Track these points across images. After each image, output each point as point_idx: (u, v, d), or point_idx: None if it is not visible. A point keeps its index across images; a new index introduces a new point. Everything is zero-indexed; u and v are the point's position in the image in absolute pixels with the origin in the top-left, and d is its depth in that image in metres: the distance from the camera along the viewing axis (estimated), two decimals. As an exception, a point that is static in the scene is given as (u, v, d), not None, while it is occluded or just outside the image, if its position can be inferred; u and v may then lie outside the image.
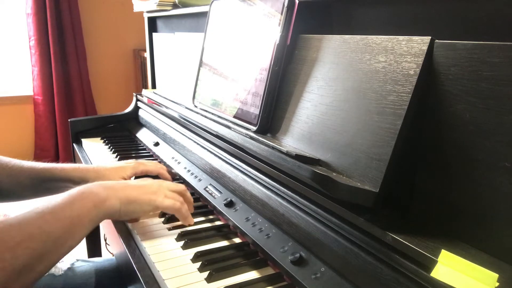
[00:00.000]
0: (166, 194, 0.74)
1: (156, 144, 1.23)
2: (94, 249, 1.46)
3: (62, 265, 0.90)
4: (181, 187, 0.80)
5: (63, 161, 3.16)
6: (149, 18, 1.63)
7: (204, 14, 1.09)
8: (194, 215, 0.80)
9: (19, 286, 0.52)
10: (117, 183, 0.72)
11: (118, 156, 1.20)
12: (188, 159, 1.04)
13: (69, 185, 0.90)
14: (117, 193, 0.68)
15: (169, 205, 0.73)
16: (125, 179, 0.92)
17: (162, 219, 0.80)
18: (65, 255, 0.59)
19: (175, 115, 1.15)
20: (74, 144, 1.39)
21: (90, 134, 1.43)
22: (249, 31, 0.87)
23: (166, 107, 1.21)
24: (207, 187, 0.88)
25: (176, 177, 1.02)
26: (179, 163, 1.05)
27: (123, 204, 0.68)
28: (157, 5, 1.44)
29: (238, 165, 0.83)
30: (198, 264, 0.65)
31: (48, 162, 0.92)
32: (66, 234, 0.58)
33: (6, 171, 0.86)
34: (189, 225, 0.77)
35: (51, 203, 0.59)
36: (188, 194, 0.81)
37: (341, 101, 0.64)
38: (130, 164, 0.95)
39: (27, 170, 0.88)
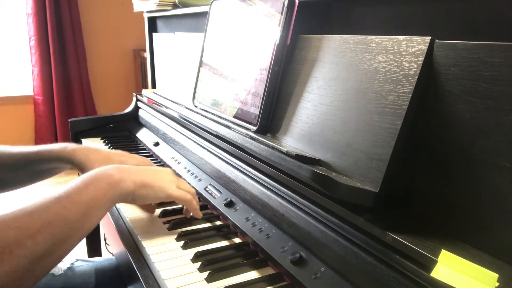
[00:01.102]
0: (179, 185, 0.75)
1: (156, 144, 1.23)
2: (94, 249, 1.46)
3: (62, 265, 0.90)
4: (193, 189, 0.80)
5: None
6: (149, 18, 1.63)
7: (204, 14, 1.09)
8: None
9: (40, 271, 0.53)
10: (133, 167, 0.72)
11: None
12: (188, 159, 1.04)
13: (58, 165, 0.90)
14: (132, 176, 0.68)
15: (181, 195, 0.73)
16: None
17: (163, 219, 0.80)
18: (84, 236, 0.60)
19: (175, 115, 1.15)
20: (72, 142, 1.39)
21: (90, 134, 1.43)
22: (249, 31, 0.87)
23: (166, 107, 1.21)
24: (207, 187, 0.88)
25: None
26: (179, 163, 1.05)
27: (137, 187, 0.68)
28: (157, 5, 1.44)
29: (238, 165, 0.83)
30: (198, 264, 0.65)
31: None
32: (84, 218, 0.59)
33: None
34: (198, 217, 0.77)
35: (67, 188, 0.60)
36: (197, 199, 0.80)
37: (341, 101, 0.64)
38: (123, 157, 0.91)
39: (15, 155, 0.88)
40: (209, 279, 0.61)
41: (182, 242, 0.71)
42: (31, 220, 0.53)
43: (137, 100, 1.50)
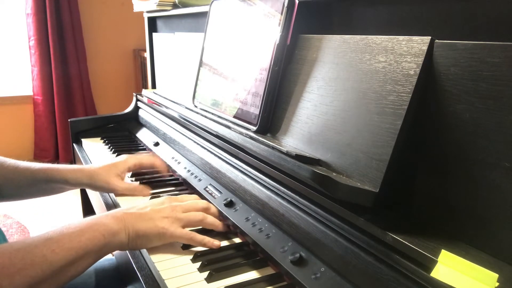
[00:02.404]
0: (180, 218, 0.70)
1: (156, 144, 1.23)
2: (94, 249, 1.46)
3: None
4: (200, 205, 0.76)
5: (63, 161, 3.17)
6: (149, 18, 1.63)
7: (204, 14, 1.09)
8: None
9: None
10: (130, 213, 0.68)
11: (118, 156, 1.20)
12: (188, 159, 1.04)
13: (64, 186, 0.91)
14: (127, 226, 0.65)
15: (181, 235, 0.69)
16: (119, 175, 0.92)
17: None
18: (65, 284, 0.59)
19: (175, 115, 1.15)
20: (74, 144, 1.39)
21: (90, 134, 1.43)
22: (249, 31, 0.87)
23: (166, 107, 1.21)
24: (207, 187, 0.88)
25: (174, 176, 1.02)
26: (179, 163, 1.05)
27: (131, 239, 0.66)
28: (157, 5, 1.44)
29: (238, 165, 0.83)
30: (198, 264, 0.65)
31: (47, 162, 0.92)
32: (70, 265, 0.58)
33: (1, 171, 0.86)
34: (221, 230, 0.74)
35: (61, 230, 0.59)
36: (212, 210, 0.77)
37: (341, 101, 0.64)
38: (122, 159, 0.95)
39: (22, 170, 0.88)
40: (209, 279, 0.61)
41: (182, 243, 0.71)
42: (15, 259, 0.52)
43: (137, 100, 1.50)
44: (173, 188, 0.97)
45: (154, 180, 1.01)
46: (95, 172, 0.90)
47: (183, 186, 0.98)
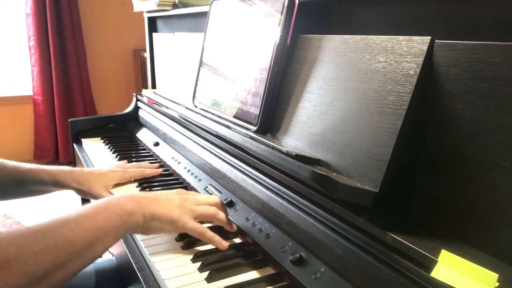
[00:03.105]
0: (192, 210, 0.70)
1: (156, 144, 1.23)
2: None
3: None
4: (213, 200, 0.75)
5: (63, 161, 3.16)
6: (149, 18, 1.63)
7: (204, 14, 1.09)
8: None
9: None
10: (146, 196, 0.69)
11: (118, 156, 1.20)
12: (188, 159, 1.04)
13: (53, 188, 0.91)
14: (143, 208, 0.65)
15: (193, 228, 0.68)
16: (107, 186, 0.93)
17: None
18: (87, 265, 0.58)
19: (175, 115, 1.15)
20: (74, 144, 1.39)
21: (90, 134, 1.43)
22: (249, 31, 0.87)
23: (166, 107, 1.21)
24: (207, 187, 0.88)
25: (175, 177, 1.02)
26: (179, 163, 1.05)
27: (146, 220, 0.65)
28: (157, 5, 1.44)
29: (238, 165, 0.83)
30: (198, 264, 0.65)
31: (47, 162, 0.92)
32: (89, 246, 0.57)
33: None
34: (231, 231, 0.73)
35: (77, 212, 0.59)
36: (223, 207, 0.76)
37: (341, 101, 0.64)
38: (116, 173, 0.96)
39: (11, 170, 0.88)
40: (209, 279, 0.61)
41: (182, 243, 0.71)
42: (35, 238, 0.52)
43: (137, 100, 1.50)
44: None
45: (154, 186, 0.99)
46: (84, 178, 0.91)
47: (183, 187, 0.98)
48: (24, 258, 0.49)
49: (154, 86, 1.64)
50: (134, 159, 1.17)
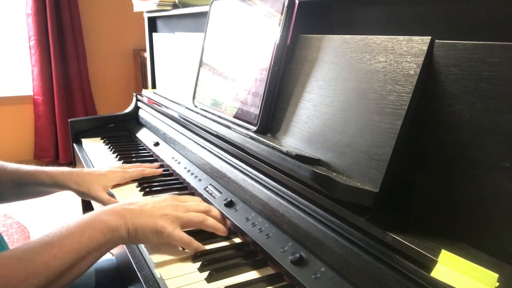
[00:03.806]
0: (179, 217, 0.70)
1: (156, 144, 1.23)
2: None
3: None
4: (201, 207, 0.75)
5: (63, 161, 3.16)
6: (149, 18, 1.63)
7: (204, 14, 1.09)
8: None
9: None
10: (130, 208, 0.68)
11: (118, 156, 1.20)
12: (188, 159, 1.04)
13: (53, 190, 0.91)
14: (126, 222, 0.65)
15: (178, 238, 0.68)
16: (106, 187, 0.93)
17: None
18: (71, 282, 0.59)
19: (175, 115, 1.15)
20: (74, 144, 1.39)
21: (90, 134, 1.43)
22: (249, 31, 0.87)
23: (166, 107, 1.21)
24: (207, 187, 0.88)
25: (175, 177, 1.02)
26: (179, 163, 1.05)
27: (130, 234, 0.65)
28: (157, 5, 1.44)
29: (238, 165, 0.83)
30: (198, 264, 0.65)
31: (48, 162, 0.92)
32: (73, 267, 0.58)
33: None
34: (223, 235, 0.73)
35: (61, 232, 0.59)
36: (213, 212, 0.76)
37: (341, 101, 0.64)
38: (116, 173, 0.96)
39: (11, 173, 0.88)
40: (209, 279, 0.61)
41: (182, 242, 0.71)
42: (17, 270, 0.52)
43: (137, 100, 1.50)
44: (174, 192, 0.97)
45: (154, 186, 0.99)
46: (83, 179, 0.91)
47: (182, 190, 0.98)
48: None
49: (154, 86, 1.64)
50: (134, 159, 1.17)
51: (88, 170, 0.94)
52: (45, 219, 2.42)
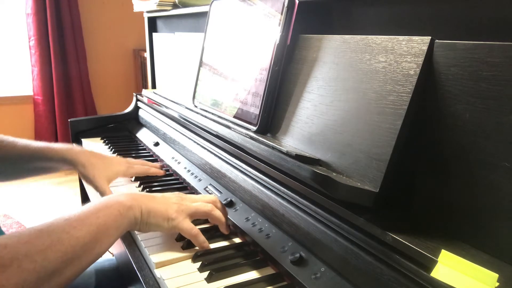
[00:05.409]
0: (188, 206, 0.71)
1: (156, 144, 1.23)
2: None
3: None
4: (208, 197, 0.76)
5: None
6: (149, 18, 1.63)
7: (204, 14, 1.09)
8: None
9: None
10: (143, 194, 0.70)
11: (118, 156, 1.20)
12: (188, 159, 1.04)
13: (60, 166, 0.91)
14: (140, 204, 0.66)
15: (187, 228, 0.69)
16: (110, 179, 0.92)
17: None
18: (93, 262, 0.59)
19: (175, 115, 1.15)
20: (74, 144, 1.39)
21: (90, 134, 1.43)
22: (249, 31, 0.87)
23: (166, 107, 1.21)
24: (207, 187, 0.88)
25: (174, 176, 1.02)
26: (179, 163, 1.05)
27: (143, 216, 0.66)
28: (157, 5, 1.44)
29: (238, 165, 0.83)
30: (198, 264, 0.65)
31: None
32: (94, 241, 0.58)
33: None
34: (225, 233, 0.74)
35: (77, 211, 0.59)
36: (219, 205, 0.76)
37: (341, 101, 0.64)
38: (122, 166, 0.96)
39: (20, 149, 0.89)
40: (209, 279, 0.61)
41: (182, 242, 0.71)
42: (41, 236, 0.52)
43: (137, 100, 1.50)
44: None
45: (154, 185, 0.99)
46: (90, 162, 0.90)
47: (182, 190, 0.98)
48: (33, 255, 0.50)
49: (154, 86, 1.64)
50: (126, 160, 1.17)
51: (95, 155, 0.94)
52: (45, 219, 2.42)
